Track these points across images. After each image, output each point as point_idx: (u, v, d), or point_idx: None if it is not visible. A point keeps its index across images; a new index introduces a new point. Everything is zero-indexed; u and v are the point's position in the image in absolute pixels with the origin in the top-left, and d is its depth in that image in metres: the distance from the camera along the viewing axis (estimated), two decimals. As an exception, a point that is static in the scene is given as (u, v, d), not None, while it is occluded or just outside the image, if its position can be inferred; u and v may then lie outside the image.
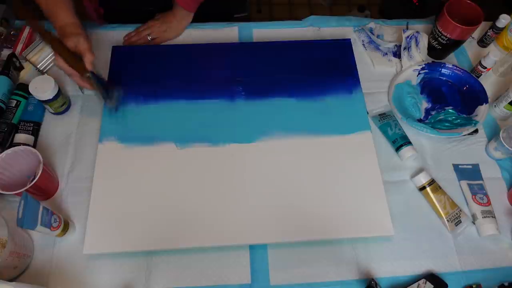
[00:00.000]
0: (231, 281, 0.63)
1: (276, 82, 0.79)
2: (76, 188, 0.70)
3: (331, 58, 0.83)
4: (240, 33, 0.91)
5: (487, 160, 0.76)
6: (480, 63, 0.81)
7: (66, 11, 0.71)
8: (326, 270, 0.64)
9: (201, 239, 0.64)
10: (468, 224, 0.69)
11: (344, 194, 0.68)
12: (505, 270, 0.66)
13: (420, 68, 0.84)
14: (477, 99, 0.80)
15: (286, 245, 0.66)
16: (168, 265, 0.64)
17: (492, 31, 0.87)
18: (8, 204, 0.68)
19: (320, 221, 0.66)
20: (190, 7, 0.86)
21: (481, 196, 0.70)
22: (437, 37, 0.83)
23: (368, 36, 0.90)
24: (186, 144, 0.72)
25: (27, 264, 0.63)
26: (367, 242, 0.67)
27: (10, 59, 0.79)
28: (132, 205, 0.66)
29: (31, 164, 0.67)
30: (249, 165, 0.70)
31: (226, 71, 0.81)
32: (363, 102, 0.78)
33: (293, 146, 0.72)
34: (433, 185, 0.70)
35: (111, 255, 0.64)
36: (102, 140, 0.72)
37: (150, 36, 0.86)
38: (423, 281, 0.62)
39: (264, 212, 0.66)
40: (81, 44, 0.68)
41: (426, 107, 0.82)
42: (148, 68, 0.81)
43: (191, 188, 0.68)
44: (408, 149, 0.73)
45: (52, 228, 0.60)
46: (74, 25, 0.70)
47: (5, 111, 0.74)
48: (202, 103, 0.77)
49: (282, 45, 0.85)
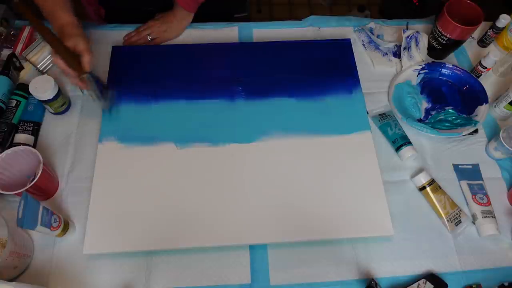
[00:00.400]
0: (231, 281, 0.63)
1: (276, 82, 0.80)
2: (76, 188, 0.70)
3: (331, 58, 0.83)
4: (240, 33, 0.91)
5: (487, 160, 0.76)
6: (480, 63, 0.81)
7: (65, 11, 0.71)
8: (326, 270, 0.64)
9: (201, 239, 0.64)
10: (468, 224, 0.69)
11: (344, 194, 0.68)
12: (505, 270, 0.66)
13: (420, 68, 0.84)
14: (477, 99, 0.80)
15: (286, 245, 0.66)
16: (168, 265, 0.64)
17: (492, 31, 0.87)
18: (8, 204, 0.68)
19: (320, 221, 0.66)
20: (190, 8, 0.86)
21: (481, 196, 0.70)
22: (437, 37, 0.83)
23: (368, 36, 0.90)
24: (186, 144, 0.72)
25: (27, 264, 0.63)
26: (367, 242, 0.67)
27: (10, 59, 0.79)
28: (132, 205, 0.66)
29: (31, 164, 0.67)
30: (249, 165, 0.70)
31: (226, 71, 0.81)
32: (363, 102, 0.78)
33: (293, 146, 0.72)
34: (433, 185, 0.70)
35: (111, 255, 0.64)
36: (102, 140, 0.72)
37: (150, 36, 0.86)
38: (423, 281, 0.62)
39: (264, 212, 0.66)
40: (80, 45, 0.68)
41: (426, 107, 0.82)
42: (148, 68, 0.81)
43: (191, 188, 0.68)
44: (408, 149, 0.73)
45: (52, 228, 0.60)
46: (73, 25, 0.70)
47: (5, 111, 0.74)
48: (202, 103, 0.77)
49: (282, 45, 0.85)
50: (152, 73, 0.80)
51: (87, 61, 0.68)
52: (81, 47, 0.67)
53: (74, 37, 0.68)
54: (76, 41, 0.68)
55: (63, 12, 0.70)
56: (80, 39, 0.68)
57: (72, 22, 0.70)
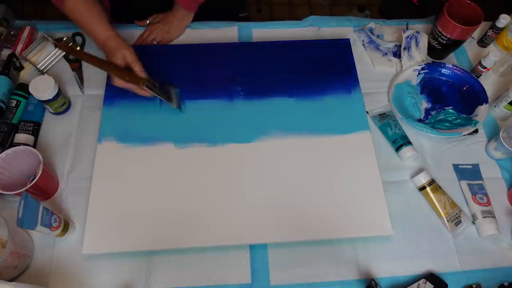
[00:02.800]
0: (231, 281, 0.63)
1: (275, 82, 0.80)
2: (76, 188, 0.70)
3: (330, 58, 0.83)
4: (239, 33, 0.91)
5: (487, 160, 0.76)
6: (480, 63, 0.81)
7: (104, 24, 0.72)
8: (326, 270, 0.64)
9: (201, 239, 0.64)
10: (468, 224, 0.69)
11: (343, 194, 0.68)
12: (505, 270, 0.66)
13: (420, 68, 0.84)
14: (477, 99, 0.80)
15: (286, 245, 0.66)
16: (168, 265, 0.64)
17: (492, 31, 0.87)
18: (8, 204, 0.68)
19: (320, 221, 0.66)
20: (190, 7, 0.86)
21: (481, 196, 0.70)
22: (437, 37, 0.83)
23: (368, 36, 0.90)
24: (185, 144, 0.72)
25: (27, 264, 0.63)
26: (367, 242, 0.67)
27: (10, 59, 0.79)
28: (131, 205, 0.66)
29: (31, 164, 0.67)
30: (248, 165, 0.70)
31: (225, 71, 0.81)
32: (362, 102, 0.78)
33: (292, 146, 0.72)
34: (433, 185, 0.70)
35: (111, 255, 0.64)
36: (101, 140, 0.72)
37: (156, 41, 0.87)
38: (423, 281, 0.62)
39: (264, 212, 0.66)
40: (127, 57, 0.70)
41: (426, 107, 0.82)
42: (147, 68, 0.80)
43: (190, 188, 0.68)
44: (408, 149, 0.73)
45: (52, 228, 0.60)
46: (114, 38, 0.72)
47: (5, 111, 0.74)
48: (202, 103, 0.77)
49: (282, 45, 0.85)
50: (151, 73, 0.80)
51: (140, 70, 0.70)
52: (129, 59, 0.70)
53: (120, 51, 0.70)
54: (123, 54, 0.70)
55: (101, 26, 0.72)
56: (125, 51, 0.70)
57: (112, 35, 0.72)
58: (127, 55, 0.70)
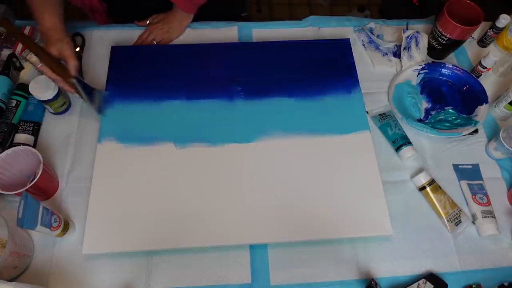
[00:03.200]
0: (231, 281, 0.63)
1: (275, 82, 0.79)
2: (76, 188, 0.70)
3: (330, 58, 0.83)
4: (239, 33, 0.91)
5: (487, 160, 0.76)
6: (480, 63, 0.81)
7: (52, 15, 0.72)
8: (326, 270, 0.64)
9: (201, 239, 0.64)
10: (468, 224, 0.69)
11: (343, 194, 0.68)
12: (505, 270, 0.66)
13: (420, 68, 0.84)
14: (477, 99, 0.80)
15: (286, 245, 0.66)
16: (168, 265, 0.64)
17: (492, 31, 0.87)
18: (8, 204, 0.68)
19: (320, 220, 0.66)
20: (189, 9, 0.86)
21: (481, 196, 0.70)
22: (437, 37, 0.83)
23: (368, 36, 0.90)
24: (185, 144, 0.72)
25: (27, 264, 0.63)
26: (367, 242, 0.67)
27: (10, 59, 0.79)
28: (131, 205, 0.66)
29: (31, 164, 0.67)
30: (248, 165, 0.70)
31: (225, 71, 0.81)
32: (362, 102, 0.78)
33: (292, 146, 0.72)
34: (433, 185, 0.70)
35: (111, 255, 0.64)
36: (101, 140, 0.72)
37: (155, 41, 0.87)
38: (423, 281, 0.62)
39: (264, 212, 0.66)
40: (64, 50, 0.69)
41: (426, 107, 0.82)
42: (147, 68, 0.81)
43: (190, 188, 0.68)
44: (408, 149, 0.73)
45: (52, 228, 0.60)
46: (58, 30, 0.71)
47: (5, 111, 0.74)
48: (201, 103, 0.77)
49: (281, 45, 0.85)
50: (151, 73, 0.80)
51: (72, 66, 0.69)
52: (66, 53, 0.69)
53: (59, 43, 0.70)
54: (61, 46, 0.69)
55: (49, 15, 0.72)
56: (64, 45, 0.70)
57: (57, 27, 0.72)
58: (64, 49, 0.70)
